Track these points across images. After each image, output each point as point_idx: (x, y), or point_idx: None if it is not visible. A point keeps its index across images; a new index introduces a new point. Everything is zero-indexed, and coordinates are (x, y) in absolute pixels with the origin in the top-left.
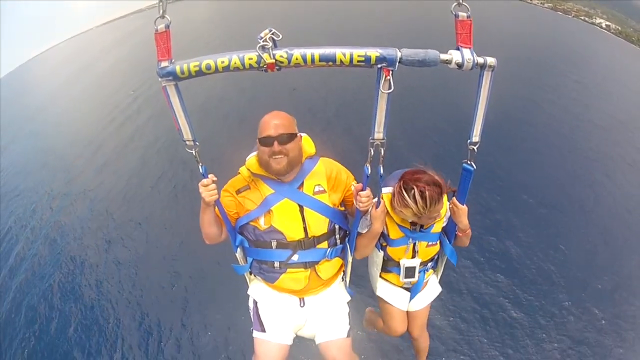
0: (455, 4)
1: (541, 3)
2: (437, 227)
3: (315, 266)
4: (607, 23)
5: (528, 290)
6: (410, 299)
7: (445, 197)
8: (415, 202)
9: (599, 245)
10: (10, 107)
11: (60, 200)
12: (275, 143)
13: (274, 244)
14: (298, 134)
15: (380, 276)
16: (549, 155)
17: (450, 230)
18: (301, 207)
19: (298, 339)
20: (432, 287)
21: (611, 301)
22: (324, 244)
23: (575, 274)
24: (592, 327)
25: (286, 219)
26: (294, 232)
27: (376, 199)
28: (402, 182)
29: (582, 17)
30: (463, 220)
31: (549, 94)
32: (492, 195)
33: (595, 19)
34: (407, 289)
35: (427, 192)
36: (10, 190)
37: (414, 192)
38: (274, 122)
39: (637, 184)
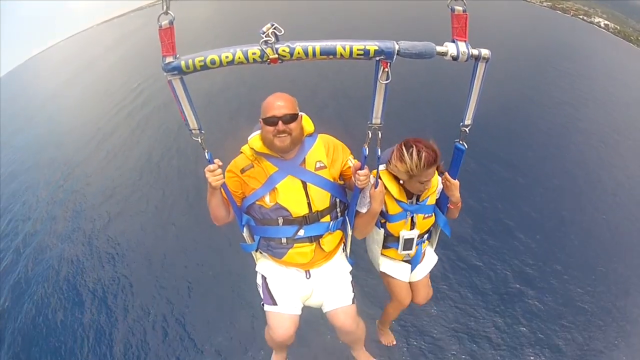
0: None
1: (540, 2)
2: (432, 200)
3: (320, 239)
4: (606, 22)
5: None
6: (412, 271)
7: (436, 170)
8: (411, 159)
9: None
10: (11, 106)
11: (61, 193)
12: (280, 122)
13: (280, 220)
14: (299, 114)
15: (381, 253)
16: (545, 154)
17: (442, 204)
18: (304, 183)
19: (306, 308)
20: (430, 257)
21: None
22: (327, 218)
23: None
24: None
25: (291, 195)
26: (299, 208)
27: (374, 180)
28: (403, 141)
29: (581, 16)
30: (455, 194)
31: (545, 90)
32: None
33: (594, 18)
34: (407, 262)
35: (424, 153)
36: (9, 187)
37: (413, 150)
38: (278, 103)
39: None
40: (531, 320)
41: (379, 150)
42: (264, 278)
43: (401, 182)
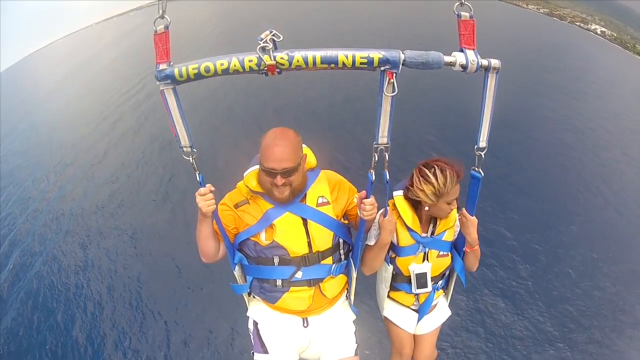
0: (457, 3)
1: (537, 8)
2: (449, 236)
3: (320, 284)
4: (603, 29)
5: None
6: (418, 321)
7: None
8: (436, 179)
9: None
10: (10, 101)
11: (57, 190)
12: (279, 177)
13: (276, 260)
14: (302, 156)
15: (388, 296)
16: (542, 158)
17: (459, 246)
18: (305, 221)
19: None
20: (441, 310)
21: None
22: (329, 260)
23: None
24: None
25: (289, 233)
26: (297, 247)
27: (383, 209)
28: (421, 164)
29: (578, 23)
30: (472, 233)
31: (542, 97)
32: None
33: (591, 25)
34: (415, 311)
35: (447, 170)
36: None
37: (435, 169)
38: (278, 155)
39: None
40: None
41: (387, 173)
42: (255, 324)
43: (426, 208)
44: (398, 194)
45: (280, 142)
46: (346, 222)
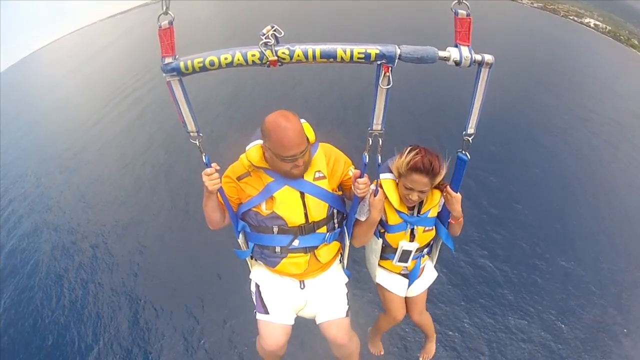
0: (455, 1)
1: (530, 3)
2: (433, 212)
3: (315, 250)
4: (596, 22)
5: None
6: (409, 286)
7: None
8: (406, 157)
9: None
10: (12, 98)
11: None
12: (299, 160)
13: (275, 229)
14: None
15: (379, 264)
16: (539, 153)
17: (444, 218)
18: (302, 194)
19: (299, 319)
20: (429, 273)
21: None
22: (323, 229)
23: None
24: None
25: (288, 205)
26: (295, 218)
27: (374, 187)
28: (415, 144)
29: (572, 17)
30: (457, 208)
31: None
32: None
33: (584, 18)
34: (404, 276)
35: (420, 157)
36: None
37: (414, 151)
38: (294, 141)
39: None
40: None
41: (379, 157)
42: (257, 286)
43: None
44: (385, 177)
45: (290, 130)
46: (340, 193)
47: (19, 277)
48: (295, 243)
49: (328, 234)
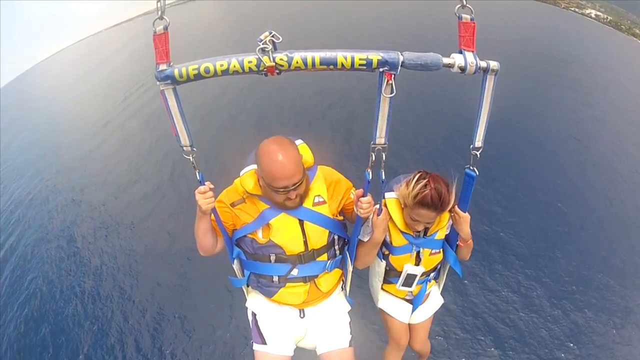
0: (459, 5)
1: None
2: (441, 234)
3: (315, 279)
4: (597, 13)
5: None
6: (412, 312)
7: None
8: (412, 189)
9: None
10: (17, 110)
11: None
12: (291, 192)
13: (272, 257)
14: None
15: (382, 288)
16: (540, 151)
17: (452, 240)
18: (301, 221)
19: (299, 350)
20: (434, 299)
21: None
22: (324, 257)
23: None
24: None
25: (286, 233)
26: (293, 246)
27: (377, 206)
28: (422, 170)
29: (573, 9)
30: (465, 229)
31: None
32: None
33: (585, 9)
34: (408, 301)
35: (427, 191)
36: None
37: (422, 182)
38: (287, 173)
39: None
40: None
41: (383, 173)
42: (254, 315)
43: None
44: (390, 196)
45: (285, 160)
46: (341, 218)
47: (18, 292)
48: (294, 272)
49: (329, 261)
